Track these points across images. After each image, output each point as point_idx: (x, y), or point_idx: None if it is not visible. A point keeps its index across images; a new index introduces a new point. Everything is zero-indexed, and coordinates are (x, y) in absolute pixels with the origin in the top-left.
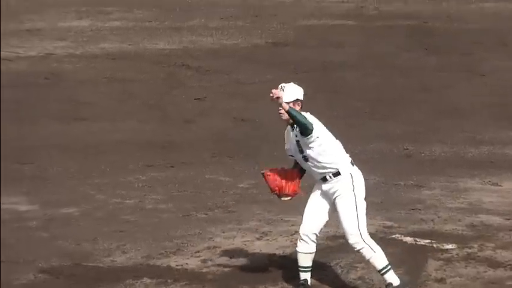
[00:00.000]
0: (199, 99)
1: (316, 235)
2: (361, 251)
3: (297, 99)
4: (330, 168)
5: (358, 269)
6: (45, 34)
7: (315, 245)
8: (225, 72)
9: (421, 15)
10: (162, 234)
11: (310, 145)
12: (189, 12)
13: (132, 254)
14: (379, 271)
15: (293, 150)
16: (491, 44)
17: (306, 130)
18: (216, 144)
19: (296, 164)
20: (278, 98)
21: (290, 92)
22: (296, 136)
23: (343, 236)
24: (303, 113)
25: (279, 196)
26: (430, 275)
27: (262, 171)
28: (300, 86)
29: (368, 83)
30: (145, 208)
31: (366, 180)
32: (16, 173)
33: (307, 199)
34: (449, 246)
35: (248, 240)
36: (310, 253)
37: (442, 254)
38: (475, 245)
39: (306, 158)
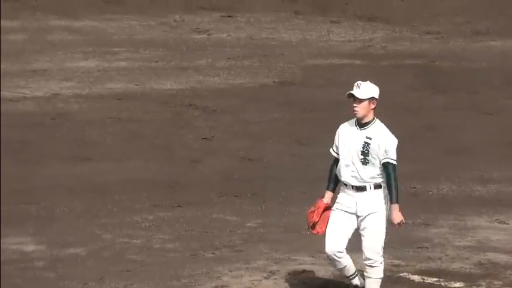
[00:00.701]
0: (206, 138)
1: (341, 251)
2: (375, 268)
3: (373, 97)
4: (376, 179)
5: None
6: (52, 75)
7: (346, 256)
8: (232, 111)
9: (428, 54)
10: (169, 273)
11: (379, 155)
12: (195, 52)
13: None
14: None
15: (352, 147)
16: (498, 83)
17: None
18: (223, 184)
19: (334, 163)
20: (400, 224)
21: (366, 90)
22: (368, 138)
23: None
24: (381, 131)
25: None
26: None
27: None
28: (308, 125)
29: None
30: (152, 248)
31: None
32: (22, 213)
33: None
34: (457, 285)
35: (256, 280)
36: (345, 265)
37: None
38: (483, 283)
39: (365, 161)
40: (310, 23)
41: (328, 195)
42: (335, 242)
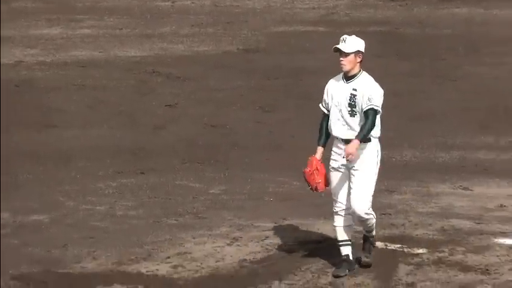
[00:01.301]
0: (169, 105)
1: (350, 208)
2: (365, 221)
3: (358, 50)
4: None
5: (328, 274)
6: (15, 42)
7: (350, 218)
8: (195, 79)
9: (392, 21)
10: (132, 240)
11: (367, 104)
12: (159, 20)
13: (103, 260)
14: (370, 232)
15: (340, 100)
16: (463, 50)
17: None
18: (186, 151)
19: (324, 119)
20: (350, 155)
21: (351, 44)
22: (354, 90)
23: (315, 241)
24: (366, 81)
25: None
26: (401, 280)
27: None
28: (271, 92)
29: None
30: (115, 214)
31: None
32: None
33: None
34: (420, 251)
35: (219, 246)
36: (348, 226)
37: (412, 259)
38: (446, 249)
39: (353, 113)
40: None
41: (320, 150)
42: (341, 200)
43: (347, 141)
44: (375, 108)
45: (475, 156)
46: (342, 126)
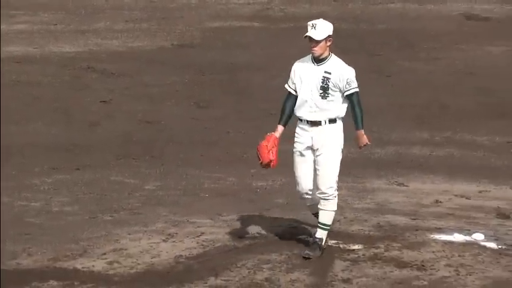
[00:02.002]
0: (104, 101)
1: (313, 189)
2: (329, 201)
3: (329, 35)
4: (332, 113)
5: (264, 269)
6: None
7: (317, 197)
8: (130, 74)
9: (327, 16)
10: (68, 236)
11: (340, 90)
12: (94, 15)
13: (38, 256)
14: (324, 225)
15: (310, 83)
16: (397, 45)
17: None
18: (121, 147)
19: (288, 99)
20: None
21: (322, 30)
22: (327, 73)
23: (250, 237)
24: (339, 65)
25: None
26: (337, 276)
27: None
28: (207, 88)
29: (274, 84)
30: (51, 211)
31: (272, 181)
32: None
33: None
34: (356, 247)
35: (154, 242)
36: (316, 202)
37: (348, 255)
38: (382, 245)
39: (325, 95)
40: None
41: (280, 129)
42: (305, 182)
43: (314, 123)
44: (357, 90)
45: (411, 152)
46: (310, 108)
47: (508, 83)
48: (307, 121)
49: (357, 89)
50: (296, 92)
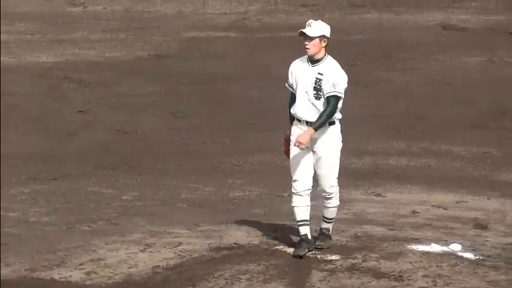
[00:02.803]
0: (81, 111)
1: (310, 189)
2: (332, 198)
3: (323, 35)
4: None
5: (242, 280)
6: None
7: (309, 198)
8: (107, 84)
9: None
10: (45, 246)
11: (330, 90)
12: (71, 25)
13: (16, 266)
14: (330, 219)
15: (305, 83)
16: (374, 56)
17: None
18: (99, 157)
19: (291, 100)
20: (300, 143)
21: (316, 28)
22: (320, 74)
23: (228, 248)
24: (332, 66)
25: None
26: (314, 286)
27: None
28: (184, 98)
29: (251, 94)
30: (28, 221)
31: (249, 191)
32: None
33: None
34: (333, 257)
35: (132, 253)
36: (307, 206)
37: (326, 265)
38: (359, 256)
39: (318, 96)
40: None
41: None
42: (303, 181)
43: (309, 123)
44: (338, 95)
45: (388, 162)
46: (307, 108)
47: (484, 94)
48: (306, 122)
49: (340, 94)
50: (295, 90)
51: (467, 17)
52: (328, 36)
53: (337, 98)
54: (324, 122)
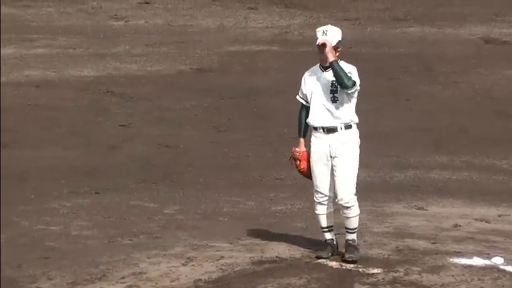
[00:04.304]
0: (123, 125)
1: (331, 196)
2: (351, 208)
3: (339, 41)
4: (346, 118)
5: None
6: None
7: (332, 204)
8: (149, 98)
9: (346, 40)
10: (87, 260)
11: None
12: (113, 39)
13: (58, 280)
14: (353, 229)
15: (321, 88)
16: (416, 69)
17: (344, 87)
18: (140, 171)
19: (302, 109)
20: (324, 45)
21: (333, 35)
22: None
23: (270, 261)
24: (344, 64)
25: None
26: None
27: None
28: (225, 112)
29: (293, 108)
30: (70, 234)
31: (291, 205)
32: None
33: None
34: (375, 271)
35: (174, 266)
36: (330, 212)
37: (368, 279)
38: (401, 269)
39: (335, 99)
40: (227, 10)
41: (302, 142)
42: (323, 189)
43: (330, 130)
44: (353, 78)
45: (430, 176)
46: (325, 114)
47: None
48: (323, 128)
49: (355, 79)
50: (307, 102)
51: (509, 31)
52: (341, 40)
53: (354, 82)
54: (341, 70)
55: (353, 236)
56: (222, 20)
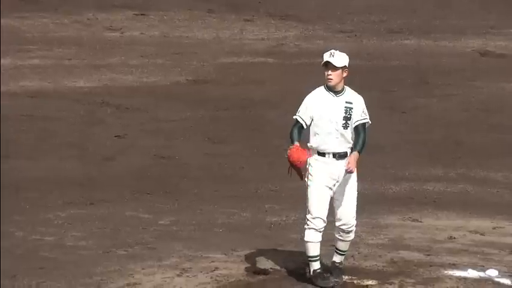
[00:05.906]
0: (119, 136)
1: (325, 224)
2: (353, 231)
3: (345, 65)
4: (351, 142)
5: None
6: None
7: (321, 234)
8: (144, 110)
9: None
10: (82, 271)
11: (361, 118)
12: (109, 51)
13: None
14: (344, 252)
15: (333, 114)
16: (412, 82)
17: None
18: (136, 182)
19: (295, 126)
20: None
21: (340, 59)
22: (348, 103)
23: (264, 272)
24: (351, 93)
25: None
26: None
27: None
28: (220, 124)
29: (288, 120)
30: (65, 245)
31: (286, 217)
32: None
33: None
34: (370, 282)
35: (168, 277)
36: (319, 242)
37: None
38: (396, 281)
39: (347, 126)
40: (223, 22)
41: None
42: (322, 217)
43: (341, 156)
44: (369, 121)
45: (425, 188)
46: (337, 139)
47: None
48: (335, 154)
49: (369, 121)
50: (307, 125)
51: (505, 44)
52: (347, 66)
53: (365, 125)
54: (364, 146)
55: (342, 258)
56: (217, 32)
